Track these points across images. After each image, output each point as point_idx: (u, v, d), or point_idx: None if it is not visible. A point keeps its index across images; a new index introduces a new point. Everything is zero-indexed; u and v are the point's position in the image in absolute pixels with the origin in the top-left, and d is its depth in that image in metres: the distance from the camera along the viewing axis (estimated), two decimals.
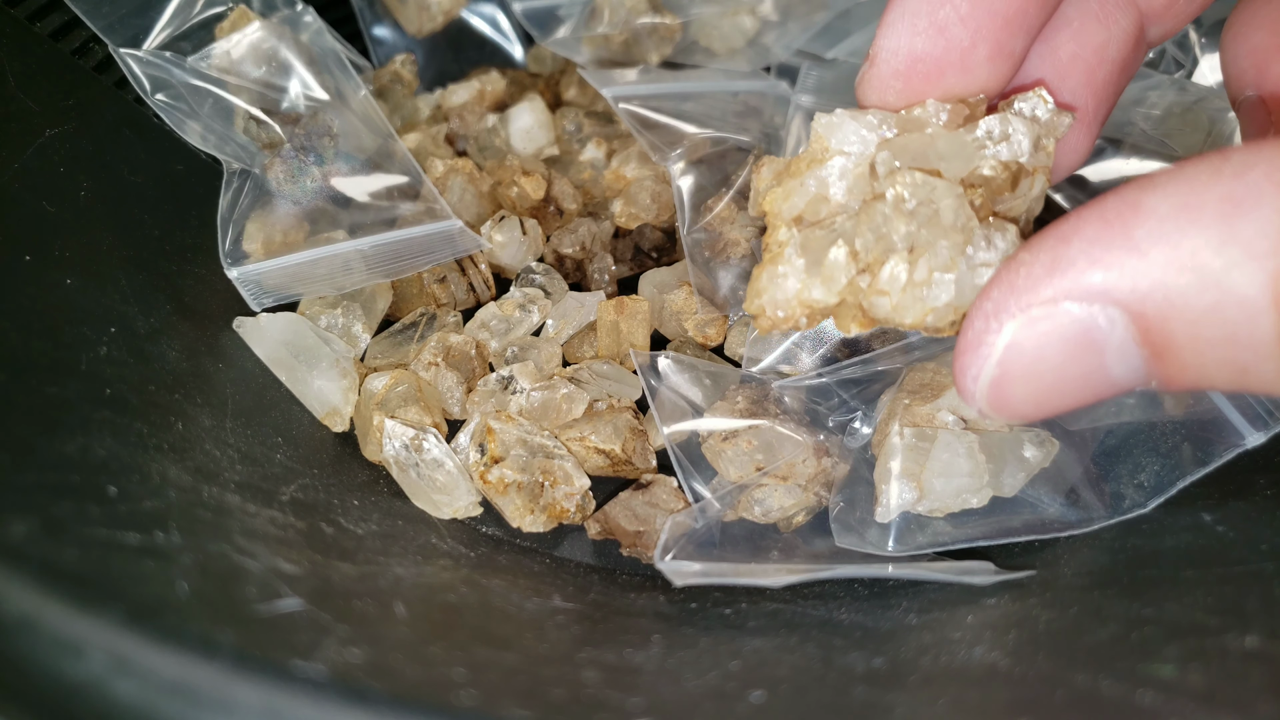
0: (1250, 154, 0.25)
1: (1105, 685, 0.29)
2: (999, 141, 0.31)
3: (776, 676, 0.32)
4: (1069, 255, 0.26)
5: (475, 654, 0.31)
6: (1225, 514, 0.38)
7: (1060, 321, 0.27)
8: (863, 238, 0.31)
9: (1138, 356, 0.27)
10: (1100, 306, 0.26)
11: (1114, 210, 0.26)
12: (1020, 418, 0.29)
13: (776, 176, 0.33)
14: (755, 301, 0.32)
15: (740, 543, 0.42)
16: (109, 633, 0.26)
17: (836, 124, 0.32)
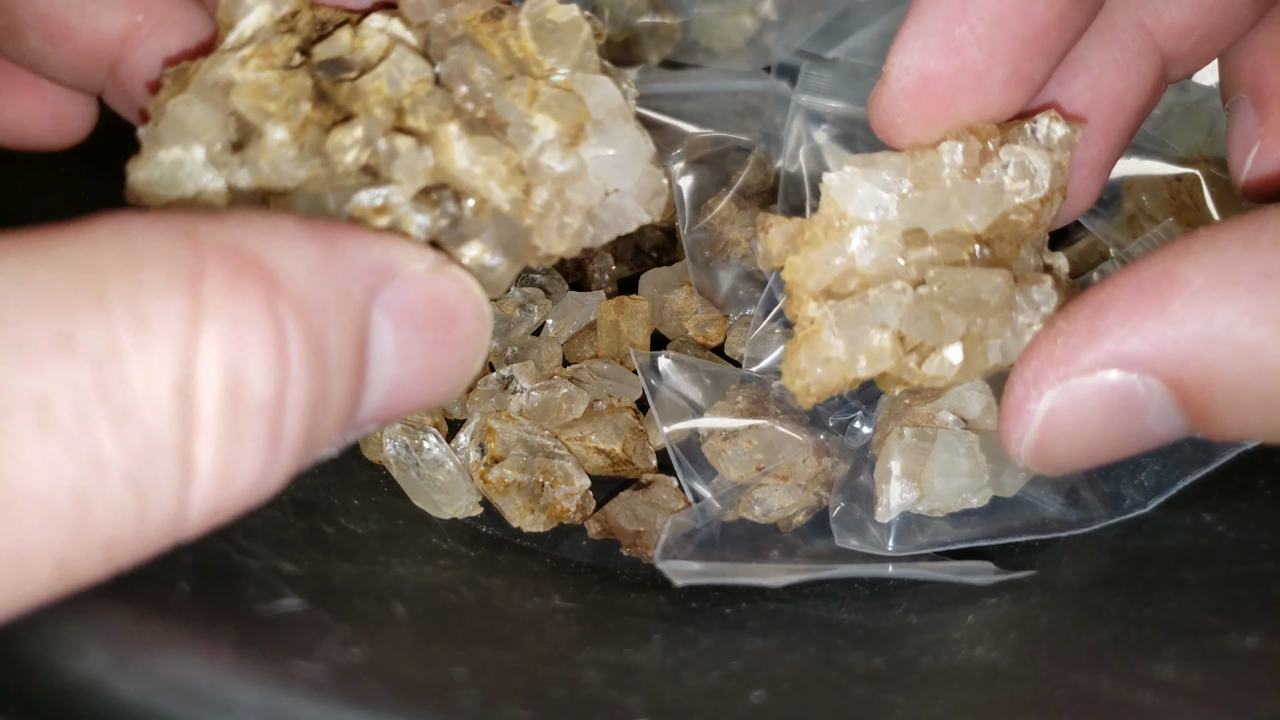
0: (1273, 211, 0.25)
1: (1105, 685, 0.29)
2: (1018, 179, 0.31)
3: (777, 676, 0.32)
4: (1105, 326, 0.26)
5: (475, 654, 0.31)
6: (1225, 514, 0.38)
7: (1099, 389, 0.27)
8: (910, 326, 0.31)
9: (1178, 417, 0.27)
10: (1139, 375, 0.26)
11: (1150, 280, 0.26)
12: (1065, 471, 0.30)
13: (789, 241, 0.32)
14: (797, 381, 0.32)
15: (740, 543, 0.42)
16: (109, 632, 0.26)
17: (849, 186, 0.31)
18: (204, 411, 0.20)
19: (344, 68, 0.30)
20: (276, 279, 0.21)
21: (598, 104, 0.31)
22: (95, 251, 0.19)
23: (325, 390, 0.22)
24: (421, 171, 0.29)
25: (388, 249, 0.25)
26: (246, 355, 0.20)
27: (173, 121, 0.29)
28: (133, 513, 0.19)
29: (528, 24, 0.31)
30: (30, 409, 0.18)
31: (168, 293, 0.19)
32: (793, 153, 0.51)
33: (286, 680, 0.27)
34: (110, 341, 0.19)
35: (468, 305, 0.27)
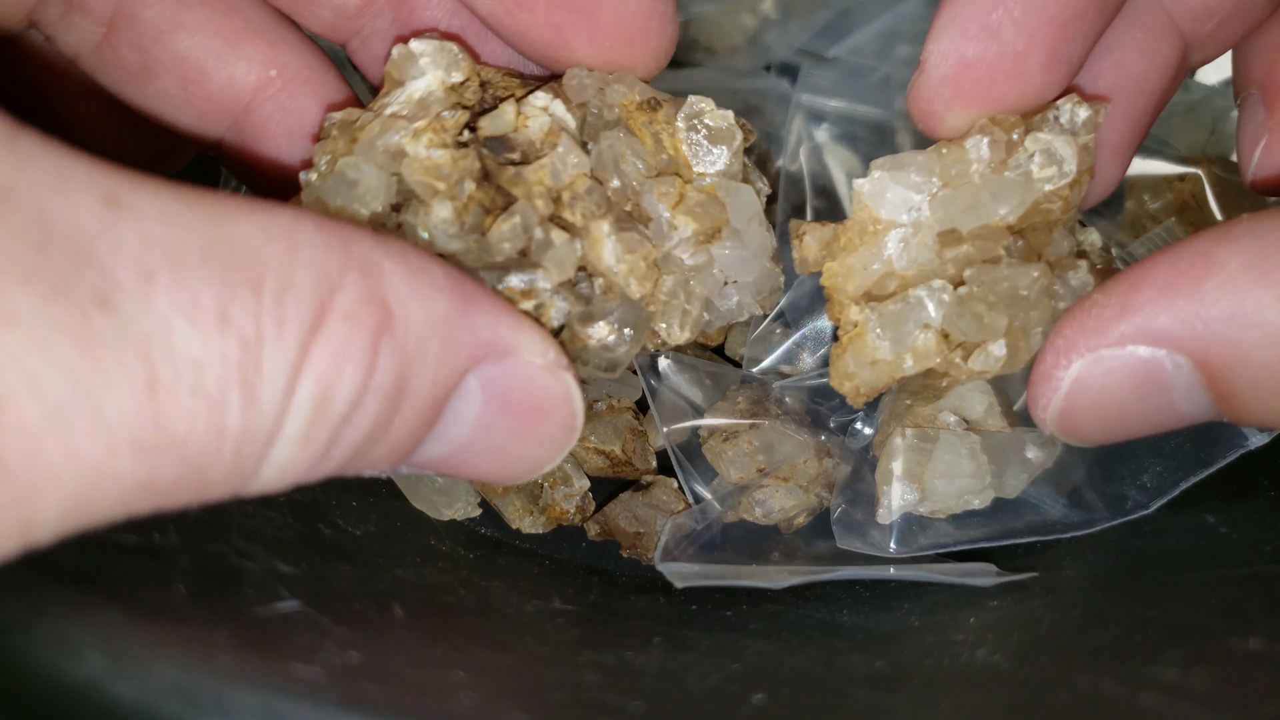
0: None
1: (1108, 688, 0.29)
2: (1045, 166, 0.31)
3: (778, 679, 0.32)
4: (1139, 301, 0.27)
5: (475, 656, 0.31)
6: (1228, 515, 0.38)
7: (1127, 363, 0.27)
8: (953, 325, 0.32)
9: (1204, 397, 0.27)
10: (1167, 352, 0.27)
11: (1186, 260, 0.26)
12: (1091, 443, 0.31)
13: (824, 247, 0.34)
14: (847, 383, 0.33)
15: (741, 544, 0.41)
16: (107, 635, 0.26)
17: (880, 190, 0.32)
18: (296, 410, 0.23)
19: (508, 147, 0.31)
20: (392, 317, 0.24)
21: (737, 211, 0.32)
22: (266, 239, 0.22)
23: (388, 421, 0.25)
24: (571, 264, 0.30)
25: (515, 332, 0.27)
26: (341, 374, 0.23)
27: (342, 183, 0.30)
28: (227, 472, 0.22)
29: (683, 124, 0.33)
30: (191, 368, 0.21)
31: (307, 298, 0.22)
32: (793, 151, 0.51)
33: (284, 683, 0.26)
34: (257, 328, 0.22)
35: (562, 412, 0.28)
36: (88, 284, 0.20)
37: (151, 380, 0.20)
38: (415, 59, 0.31)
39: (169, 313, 0.21)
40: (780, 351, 0.46)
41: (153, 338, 0.20)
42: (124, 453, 0.20)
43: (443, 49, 0.32)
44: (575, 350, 0.32)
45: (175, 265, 0.21)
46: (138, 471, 0.21)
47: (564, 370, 0.28)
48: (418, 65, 0.31)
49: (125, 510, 0.21)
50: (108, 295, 0.20)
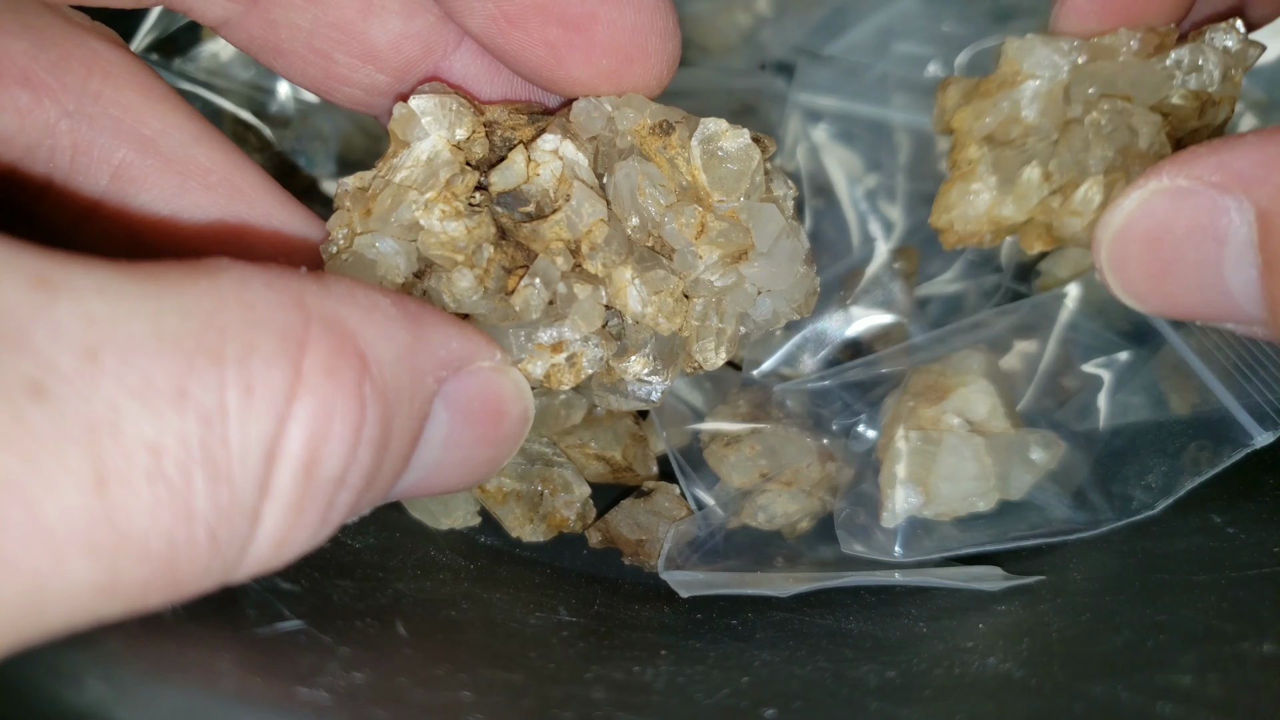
0: None
1: (1124, 696, 0.28)
2: (1189, 72, 0.31)
3: (788, 692, 0.31)
4: (1229, 146, 0.27)
5: (481, 674, 0.30)
6: (1235, 515, 0.37)
7: (1198, 199, 0.27)
8: (1059, 158, 0.31)
9: (1252, 265, 0.27)
10: (1235, 199, 0.27)
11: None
12: (1134, 293, 0.30)
13: (965, 95, 0.33)
14: (944, 216, 0.33)
15: (745, 551, 0.41)
16: (108, 661, 0.25)
17: (1028, 48, 0.32)
18: (280, 479, 0.21)
19: (521, 200, 0.31)
20: (368, 363, 0.23)
21: (762, 233, 0.32)
22: (220, 306, 0.21)
23: (378, 471, 0.24)
24: (597, 315, 0.30)
25: (465, 342, 0.26)
26: (330, 434, 0.22)
27: (361, 262, 0.30)
28: (205, 560, 0.21)
29: (699, 152, 0.32)
30: (146, 453, 0.19)
31: (275, 360, 0.21)
32: (790, 151, 0.51)
33: (290, 707, 0.26)
34: (219, 401, 0.20)
35: (517, 407, 0.28)
36: (19, 374, 0.18)
37: (99, 473, 0.19)
38: (417, 119, 0.31)
39: (117, 396, 0.19)
40: (780, 354, 0.46)
41: (98, 426, 0.19)
42: (74, 557, 0.19)
43: (444, 106, 0.31)
44: (613, 384, 0.32)
45: (121, 343, 0.19)
46: (95, 575, 0.19)
47: (510, 366, 0.28)
48: (420, 126, 0.31)
49: (88, 617, 0.20)
50: (43, 383, 0.18)
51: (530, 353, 0.30)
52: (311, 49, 0.32)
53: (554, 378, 0.30)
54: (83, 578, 0.19)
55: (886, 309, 0.47)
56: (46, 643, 0.25)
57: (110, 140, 0.31)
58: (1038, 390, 0.42)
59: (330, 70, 0.33)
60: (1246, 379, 0.38)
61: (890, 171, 0.50)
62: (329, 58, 0.32)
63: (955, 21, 0.41)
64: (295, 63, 0.33)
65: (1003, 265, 0.48)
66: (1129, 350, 0.42)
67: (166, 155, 0.32)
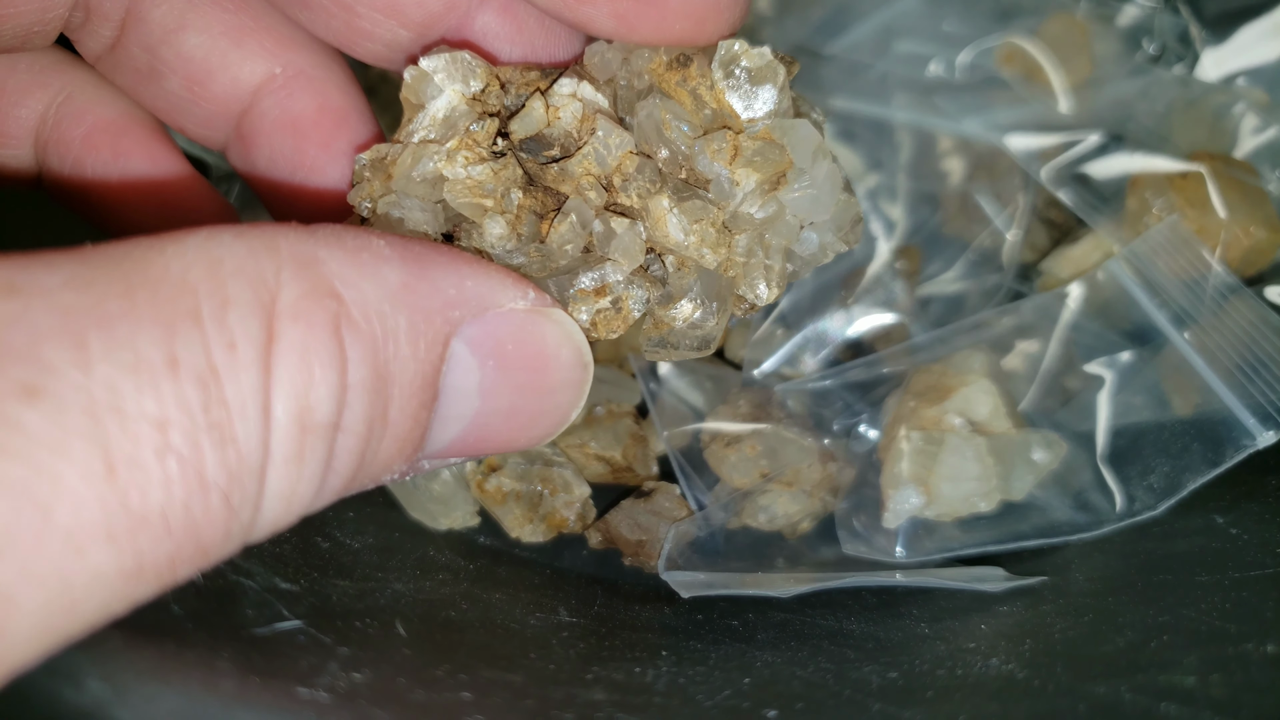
0: None
1: (1127, 697, 0.28)
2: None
3: (790, 694, 0.31)
4: None
5: (480, 675, 0.30)
6: (1237, 516, 0.37)
7: None
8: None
9: None
10: None
11: None
12: None
13: None
14: None
15: (745, 551, 0.41)
16: (107, 661, 0.25)
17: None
18: (277, 433, 0.21)
19: (545, 145, 0.30)
20: (344, 302, 0.22)
21: (799, 149, 0.30)
22: (187, 266, 0.20)
23: (383, 415, 0.23)
24: (639, 250, 0.29)
25: (484, 282, 0.25)
26: (312, 380, 0.21)
27: (387, 224, 0.29)
28: (223, 525, 0.20)
29: (720, 73, 0.30)
30: (153, 430, 0.19)
31: (250, 310, 0.21)
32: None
33: (289, 707, 0.26)
34: (208, 362, 0.20)
35: (566, 351, 0.27)
36: (7, 381, 0.18)
37: (108, 459, 0.18)
38: (429, 78, 0.30)
39: (112, 376, 0.19)
40: (781, 354, 0.46)
41: (100, 410, 0.19)
42: (94, 548, 0.18)
43: (455, 60, 0.30)
44: (663, 336, 0.31)
45: (103, 324, 0.19)
46: (122, 561, 0.19)
47: (552, 308, 0.26)
48: (433, 84, 0.30)
49: (124, 602, 0.20)
50: (34, 383, 0.18)
51: (573, 299, 0.29)
52: (335, 1, 0.32)
53: (601, 325, 0.29)
54: (108, 567, 0.19)
55: (888, 309, 0.46)
56: None
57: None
58: (1039, 390, 0.42)
59: (353, 24, 0.32)
60: (1249, 379, 0.38)
61: (891, 171, 0.50)
62: (352, 10, 0.32)
63: (956, 21, 0.41)
64: (320, 15, 0.33)
65: (1004, 265, 0.48)
66: (1131, 350, 0.42)
67: None
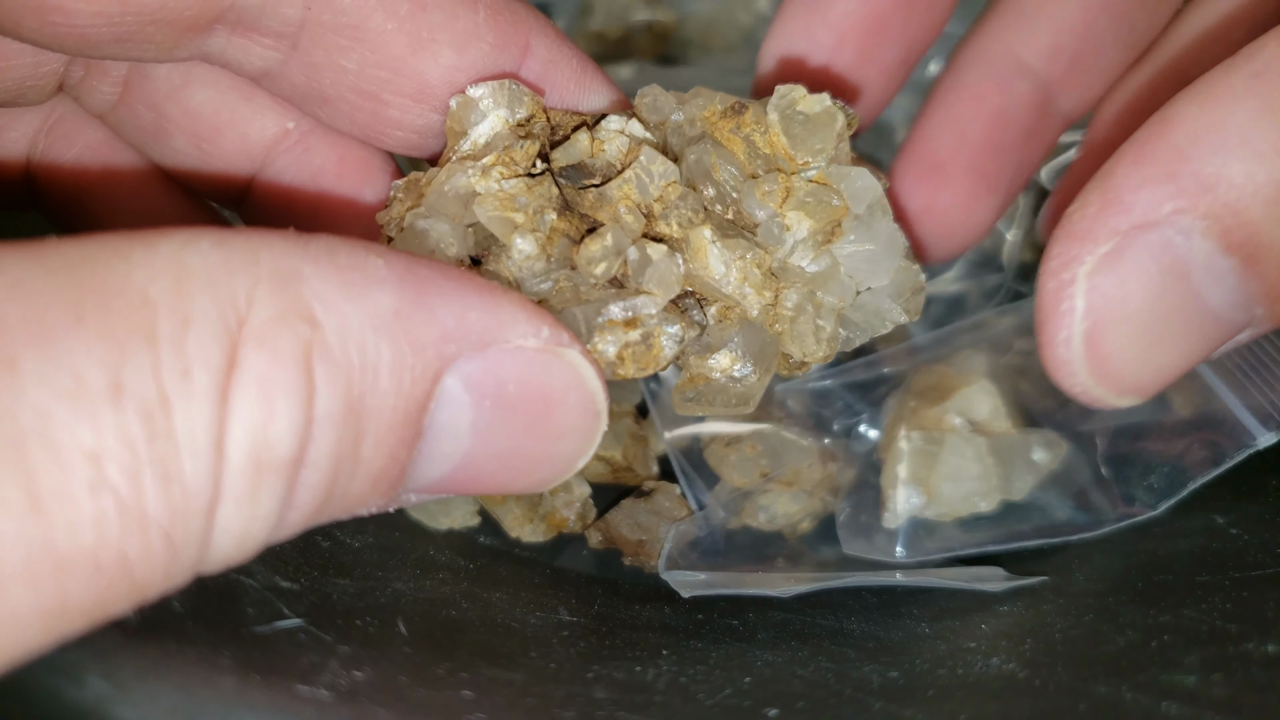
0: (1253, 44, 0.24)
1: (1128, 697, 0.28)
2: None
3: (791, 693, 0.31)
4: (1116, 183, 0.24)
5: (481, 673, 0.30)
6: (1238, 516, 0.37)
7: (1134, 251, 0.24)
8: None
9: (1229, 270, 0.24)
10: (1169, 222, 0.24)
11: (1145, 133, 0.24)
12: (1130, 385, 0.26)
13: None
14: None
15: (745, 551, 0.41)
16: (107, 658, 0.25)
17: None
18: (230, 469, 0.19)
19: (586, 173, 0.28)
20: (320, 327, 0.20)
21: (856, 198, 0.29)
22: (151, 275, 0.19)
23: (353, 451, 0.21)
24: (675, 280, 0.27)
25: (491, 314, 0.23)
26: (273, 412, 0.19)
27: (411, 236, 0.28)
28: (164, 564, 0.19)
29: (777, 117, 0.29)
30: (86, 463, 0.17)
31: (211, 333, 0.19)
32: None
33: (290, 705, 0.26)
34: (158, 390, 0.18)
35: (576, 397, 0.24)
36: None
37: (32, 494, 0.17)
38: (474, 104, 0.29)
39: (44, 402, 0.17)
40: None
41: (25, 440, 0.17)
42: (12, 588, 0.17)
43: (502, 87, 0.29)
44: (698, 390, 0.29)
45: (41, 340, 0.17)
46: (41, 600, 0.17)
47: (566, 347, 0.24)
48: (478, 110, 0.29)
49: (42, 642, 0.18)
50: None
51: (600, 329, 0.27)
52: (359, 92, 0.30)
53: (629, 360, 0.27)
54: (26, 606, 0.17)
55: None
56: None
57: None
58: (1040, 390, 0.42)
59: (380, 114, 0.31)
60: (1249, 379, 0.38)
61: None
62: (378, 99, 0.30)
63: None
64: (342, 109, 0.31)
65: (1005, 265, 0.48)
66: None
67: None
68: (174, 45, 0.29)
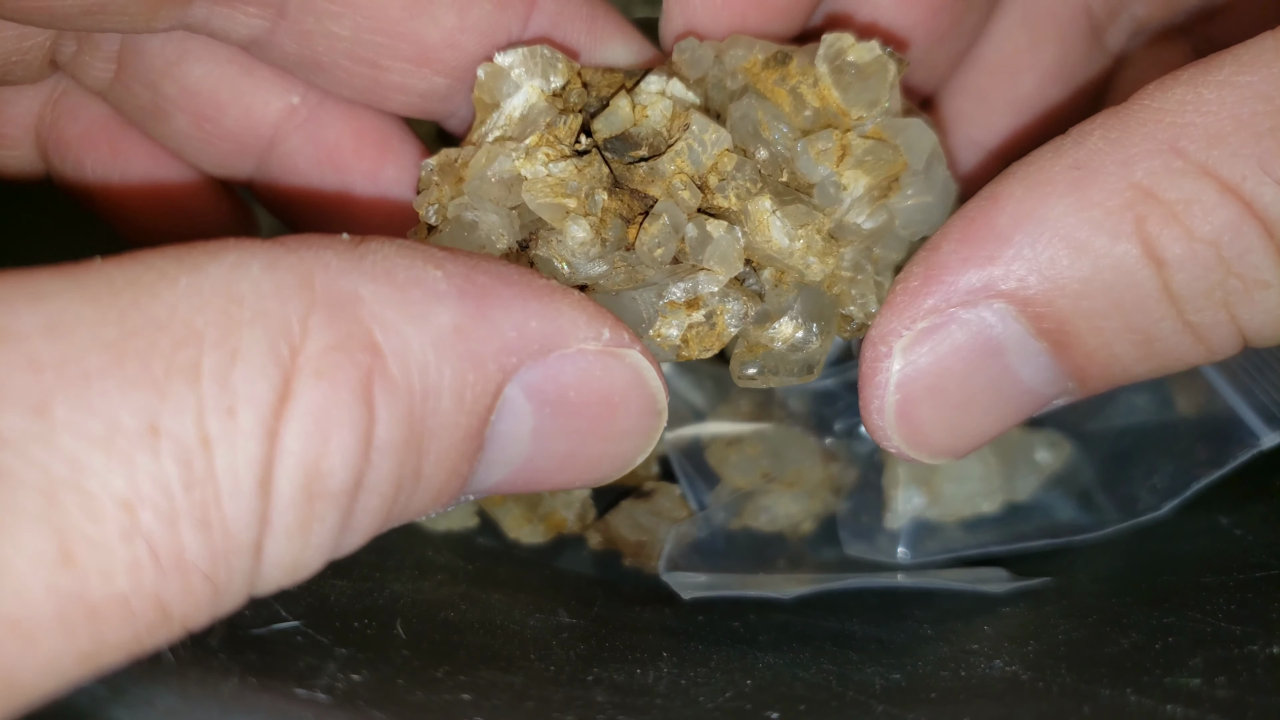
0: (1083, 125, 0.24)
1: (1133, 699, 0.28)
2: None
3: (793, 695, 0.31)
4: (940, 261, 0.25)
5: (480, 676, 0.30)
6: (1242, 517, 0.37)
7: (950, 329, 0.25)
8: None
9: (1041, 352, 0.25)
10: (985, 305, 0.25)
11: (974, 208, 0.25)
12: (942, 449, 0.27)
13: None
14: None
15: (746, 552, 0.41)
16: None
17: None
18: (279, 505, 0.19)
19: (632, 144, 0.27)
20: (381, 354, 0.20)
21: (914, 150, 0.28)
22: (198, 307, 0.18)
23: (415, 473, 0.21)
24: (737, 257, 0.26)
25: (552, 321, 0.22)
26: (327, 447, 0.19)
27: (459, 229, 0.27)
28: (206, 602, 0.19)
29: (826, 68, 0.28)
30: (119, 511, 0.17)
31: (261, 368, 0.18)
32: None
33: (288, 708, 0.26)
34: (199, 430, 0.18)
35: (636, 397, 0.24)
36: None
37: (64, 546, 0.17)
38: (506, 74, 0.28)
39: (76, 450, 0.17)
40: None
41: (57, 490, 0.17)
42: (45, 638, 0.17)
43: (533, 54, 0.28)
44: (759, 360, 0.28)
45: (76, 384, 0.17)
46: (75, 645, 0.17)
47: (626, 348, 0.24)
48: (510, 80, 0.28)
49: (81, 676, 0.18)
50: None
51: (662, 313, 0.26)
52: (355, 59, 0.29)
53: (693, 343, 0.27)
54: (60, 651, 0.17)
55: None
56: None
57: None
58: None
59: (380, 79, 0.30)
60: (1253, 380, 0.38)
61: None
62: (377, 65, 0.30)
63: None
64: (340, 75, 0.30)
65: None
66: None
67: None
68: (151, 16, 0.28)
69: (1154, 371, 0.25)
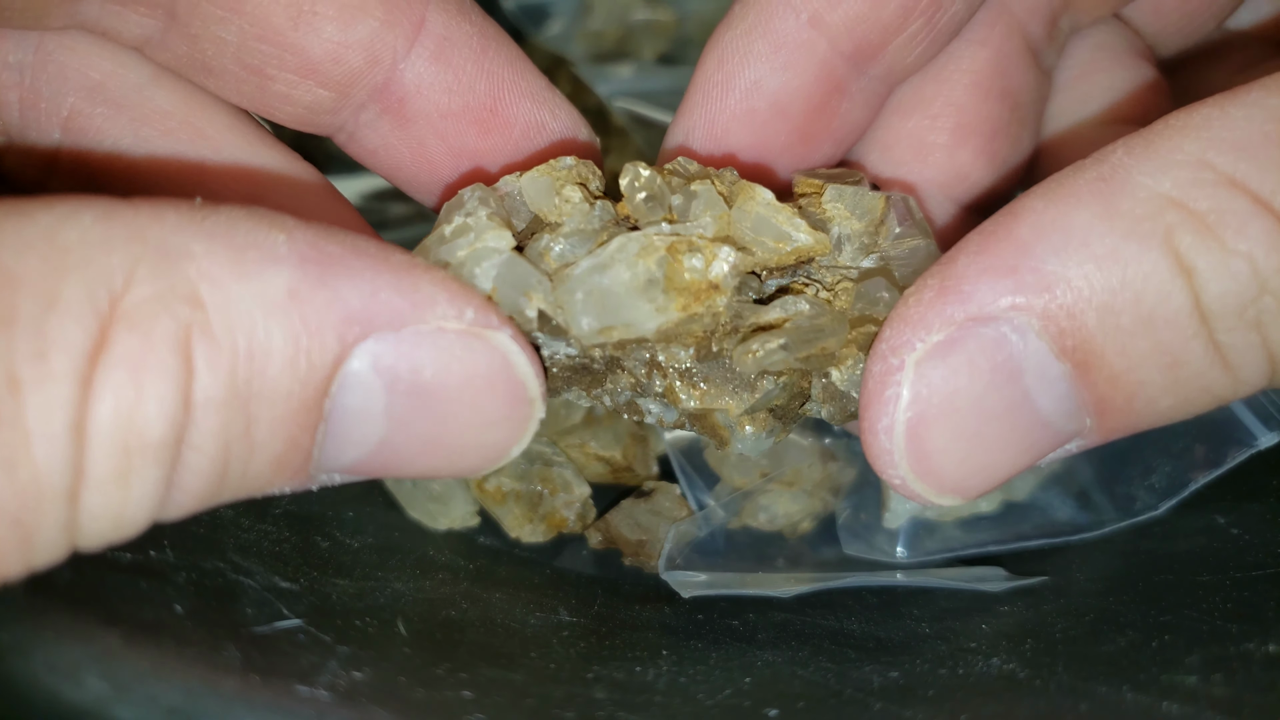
0: (1105, 148, 0.24)
1: (1129, 696, 0.28)
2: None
3: (791, 693, 0.31)
4: (957, 271, 0.24)
5: (481, 674, 0.30)
6: (1239, 516, 0.37)
7: (967, 343, 0.24)
8: None
9: (1061, 375, 0.24)
10: (1006, 320, 0.23)
11: (993, 222, 0.24)
12: (950, 484, 0.26)
13: None
14: None
15: (746, 551, 0.41)
16: (107, 658, 0.25)
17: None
18: (94, 453, 0.19)
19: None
20: (204, 309, 0.19)
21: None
22: (19, 252, 0.18)
23: (244, 435, 0.20)
24: (721, 211, 0.28)
25: (406, 294, 0.22)
26: (142, 396, 0.19)
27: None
28: (17, 549, 0.18)
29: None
30: None
31: (77, 314, 0.18)
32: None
33: (290, 706, 0.26)
34: (8, 372, 0.18)
35: (503, 383, 0.23)
36: None
37: None
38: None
39: None
40: None
41: None
42: None
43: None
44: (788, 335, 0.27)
45: None
46: None
47: (494, 330, 0.23)
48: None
49: None
50: None
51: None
52: (242, 65, 0.29)
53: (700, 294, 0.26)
54: None
55: None
56: (46, 640, 0.25)
57: (56, 88, 0.29)
58: None
59: (266, 88, 0.30)
60: None
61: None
62: (263, 74, 0.29)
63: None
64: (229, 81, 0.30)
65: None
66: None
67: (117, 99, 0.29)
68: (42, 13, 0.28)
69: (1178, 405, 0.24)
